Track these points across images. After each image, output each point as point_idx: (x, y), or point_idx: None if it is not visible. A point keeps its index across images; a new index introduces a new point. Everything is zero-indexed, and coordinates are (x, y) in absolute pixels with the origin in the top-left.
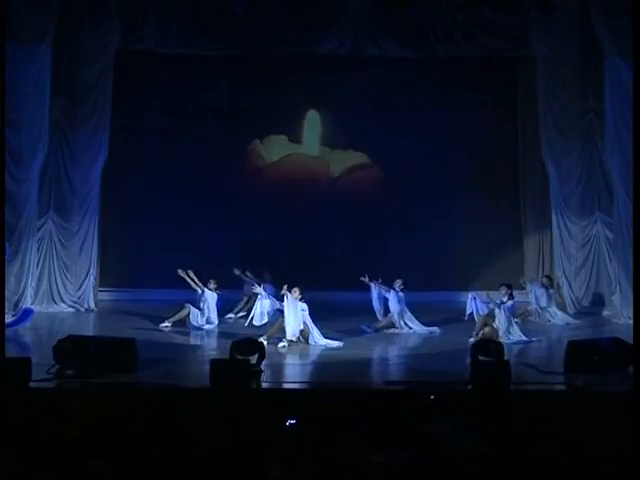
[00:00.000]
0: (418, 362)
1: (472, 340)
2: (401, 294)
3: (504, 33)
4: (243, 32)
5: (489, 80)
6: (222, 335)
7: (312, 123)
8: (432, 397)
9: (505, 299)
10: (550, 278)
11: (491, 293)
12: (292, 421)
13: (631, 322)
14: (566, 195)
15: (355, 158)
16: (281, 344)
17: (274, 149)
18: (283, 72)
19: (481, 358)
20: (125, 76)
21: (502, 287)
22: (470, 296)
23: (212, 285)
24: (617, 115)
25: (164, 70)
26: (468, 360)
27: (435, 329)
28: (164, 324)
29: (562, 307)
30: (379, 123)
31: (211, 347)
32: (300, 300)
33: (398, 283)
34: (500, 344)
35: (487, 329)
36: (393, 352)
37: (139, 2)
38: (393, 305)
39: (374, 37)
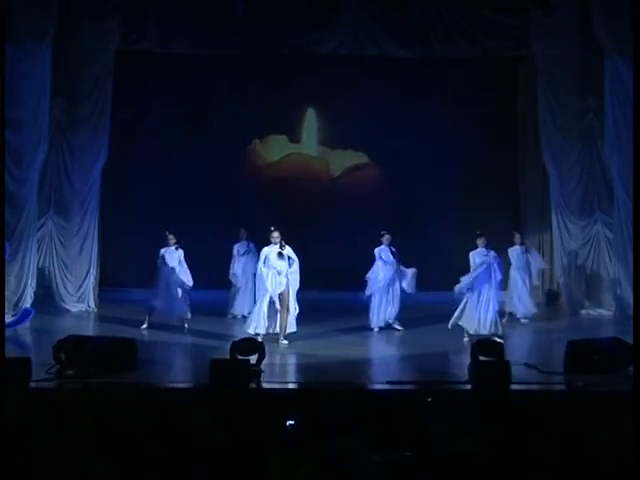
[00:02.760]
0: (418, 362)
1: (466, 339)
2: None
3: (504, 33)
4: (243, 32)
5: (489, 80)
6: (222, 335)
7: (312, 123)
8: (429, 399)
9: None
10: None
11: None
12: (292, 421)
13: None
14: (566, 195)
15: (355, 158)
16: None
17: (274, 149)
18: (283, 72)
19: (481, 358)
20: (125, 76)
21: (479, 238)
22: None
23: (171, 241)
24: (617, 115)
25: (164, 70)
26: (468, 360)
27: (400, 328)
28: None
29: (562, 308)
30: (379, 123)
31: (211, 347)
32: None
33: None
34: (500, 344)
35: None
36: (393, 352)
37: (139, 2)
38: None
39: (374, 37)
